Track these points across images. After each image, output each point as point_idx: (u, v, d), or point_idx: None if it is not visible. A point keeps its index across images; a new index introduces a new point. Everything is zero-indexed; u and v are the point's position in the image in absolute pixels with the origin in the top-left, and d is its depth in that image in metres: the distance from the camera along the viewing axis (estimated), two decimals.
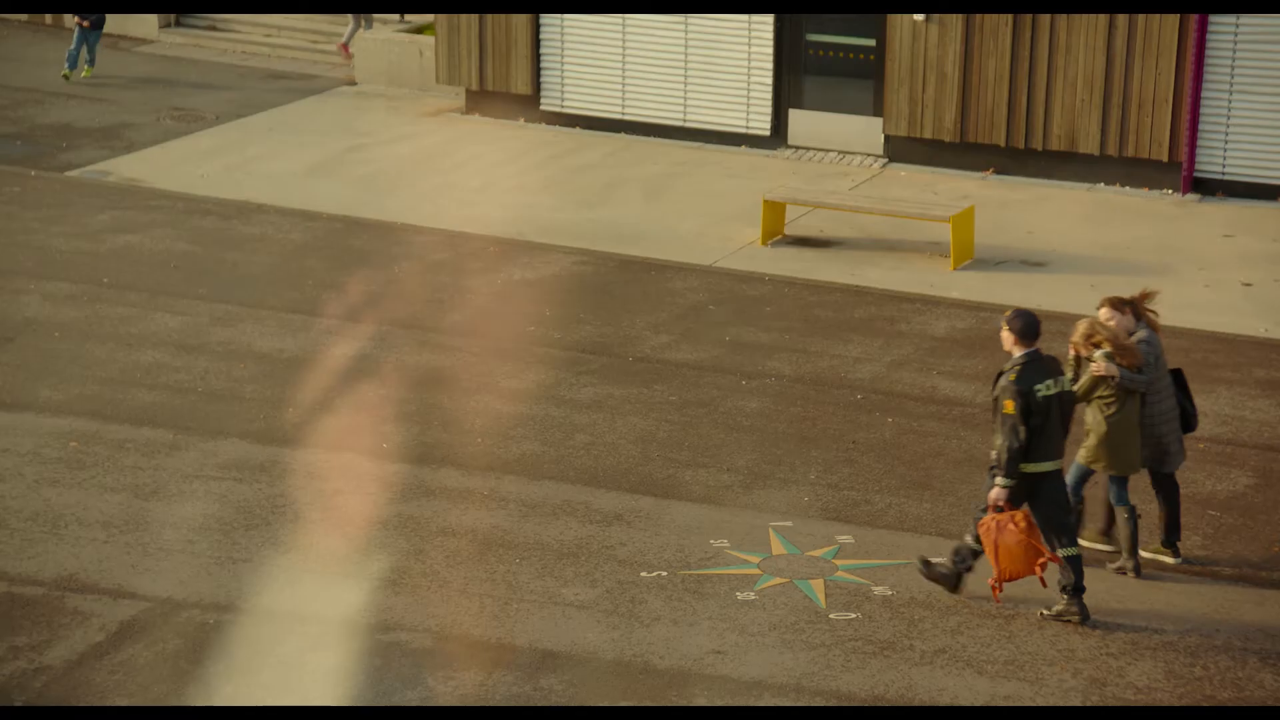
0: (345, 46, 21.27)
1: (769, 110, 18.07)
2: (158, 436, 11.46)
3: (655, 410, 12.01)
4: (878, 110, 17.69)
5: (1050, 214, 16.40)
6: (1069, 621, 9.35)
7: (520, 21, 18.66)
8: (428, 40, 20.30)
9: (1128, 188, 17.03)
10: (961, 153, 17.47)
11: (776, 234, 15.70)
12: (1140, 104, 16.72)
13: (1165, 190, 16.88)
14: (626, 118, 18.67)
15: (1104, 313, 9.78)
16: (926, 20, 17.11)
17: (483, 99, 19.27)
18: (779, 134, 18.19)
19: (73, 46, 20.37)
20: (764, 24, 17.81)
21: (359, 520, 10.40)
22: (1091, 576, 9.57)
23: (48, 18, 23.22)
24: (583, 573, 9.88)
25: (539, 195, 16.81)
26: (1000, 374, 9.31)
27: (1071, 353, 9.73)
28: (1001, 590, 9.41)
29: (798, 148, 18.20)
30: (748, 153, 18.20)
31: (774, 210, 15.63)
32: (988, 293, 14.42)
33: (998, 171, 17.46)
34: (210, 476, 10.92)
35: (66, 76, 20.18)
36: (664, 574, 9.89)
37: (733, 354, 13.07)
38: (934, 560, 9.67)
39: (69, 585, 9.65)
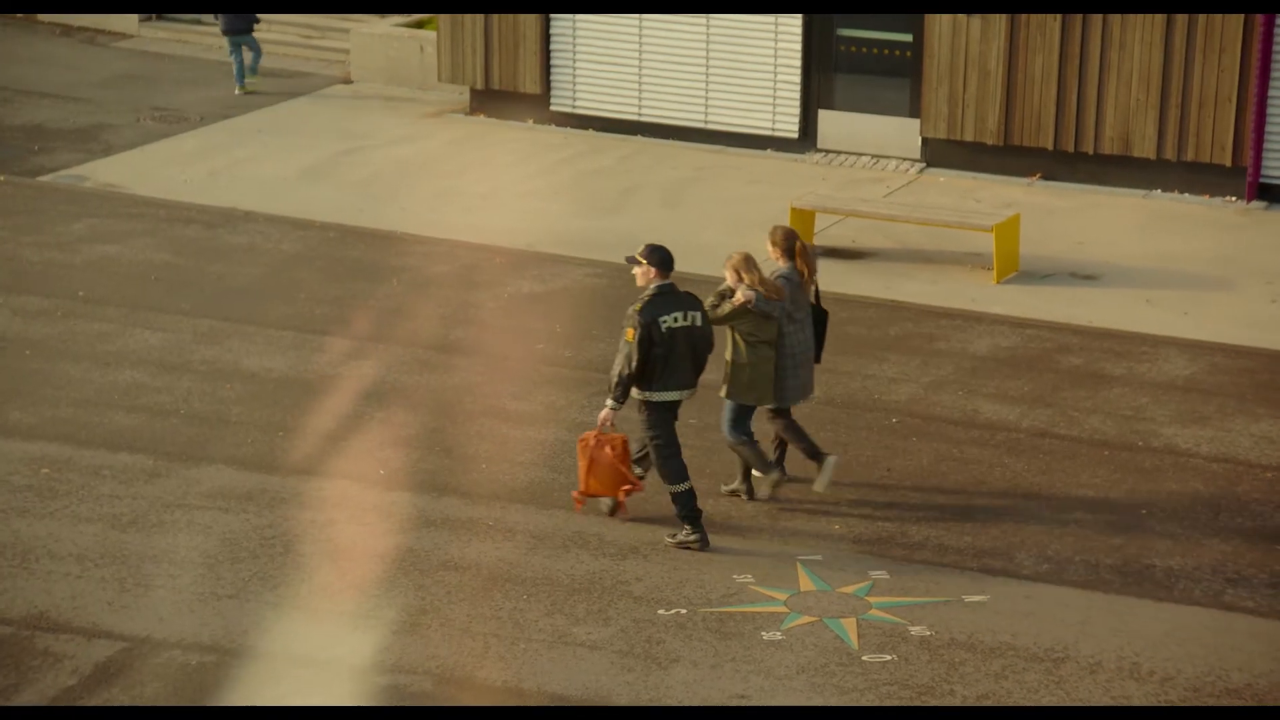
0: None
1: (797, 111, 18.11)
2: (136, 463, 11.51)
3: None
4: (914, 111, 17.72)
5: (1102, 223, 16.40)
6: (689, 548, 10.47)
7: (529, 17, 18.74)
8: (429, 35, 20.39)
9: (1187, 195, 17.03)
10: (1005, 156, 17.48)
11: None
12: (1201, 104, 16.72)
13: (1228, 197, 16.87)
14: (643, 119, 18.73)
15: (769, 245, 11.18)
16: (967, 15, 17.15)
17: (488, 99, 19.35)
18: (808, 136, 18.22)
19: (237, 64, 20.16)
20: (792, 18, 17.86)
21: (355, 553, 10.42)
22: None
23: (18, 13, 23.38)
24: (595, 610, 9.89)
25: (549, 202, 16.86)
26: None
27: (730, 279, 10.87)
28: (583, 504, 10.62)
29: (828, 151, 18.23)
30: (774, 157, 18.23)
31: (802, 219, 15.66)
32: (1034, 308, 14.42)
33: (1045, 177, 17.47)
34: (193, 506, 10.96)
35: (247, 91, 20.10)
36: (683, 611, 9.89)
37: None
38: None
39: (39, 624, 9.68)
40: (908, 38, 17.64)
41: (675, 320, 10.42)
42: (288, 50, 21.97)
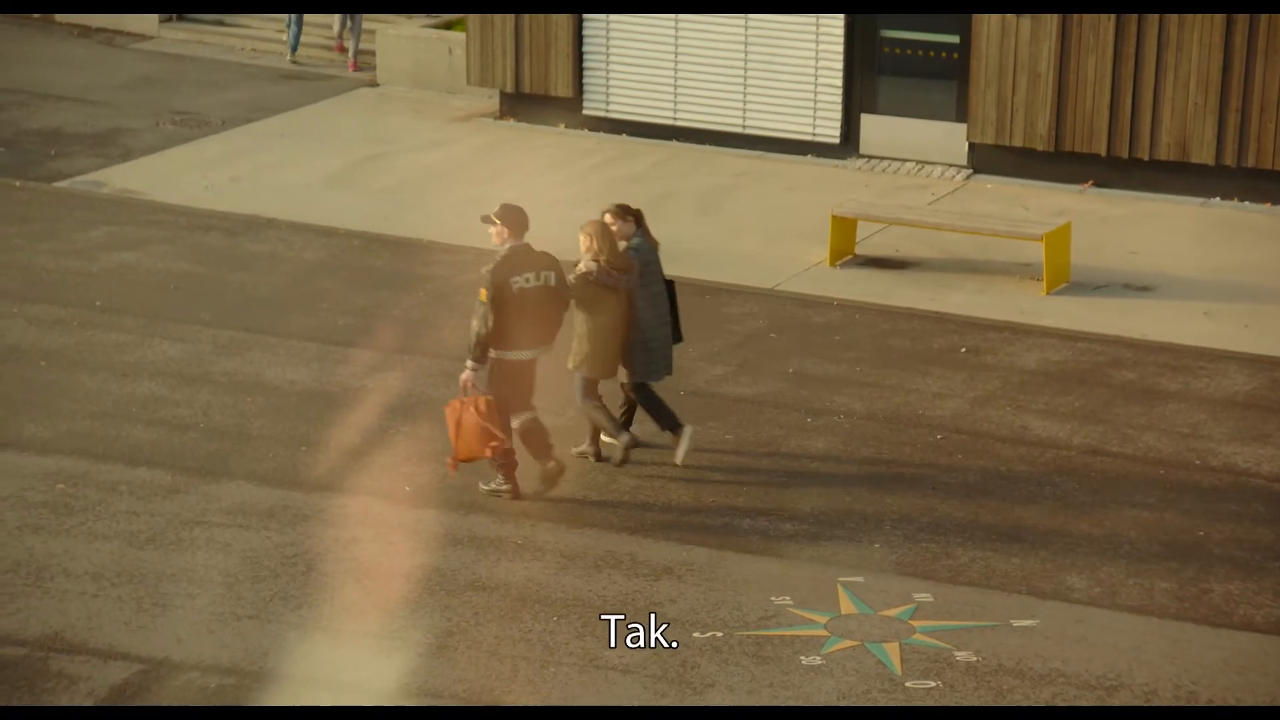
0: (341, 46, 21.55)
1: (838, 115, 18.11)
2: (155, 478, 11.58)
3: (710, 450, 12.04)
4: (961, 115, 17.70)
5: (1157, 232, 16.34)
6: (499, 496, 11.16)
7: (561, 18, 18.80)
8: (458, 37, 20.48)
9: (1247, 203, 16.96)
10: (1056, 163, 17.44)
11: (846, 254, 15.72)
12: (1262, 108, 16.65)
13: None
14: (679, 123, 18.77)
15: (608, 217, 11.50)
16: (1017, 15, 17.13)
17: (519, 102, 19.42)
18: (849, 142, 18.23)
19: (293, 33, 21.12)
20: (833, 18, 17.87)
21: (379, 573, 10.46)
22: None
23: (35, 14, 23.57)
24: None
25: (580, 209, 16.87)
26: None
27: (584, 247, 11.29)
28: (456, 469, 11.05)
29: (870, 157, 18.22)
30: (814, 163, 18.23)
31: (844, 227, 15.66)
32: (1086, 320, 14.38)
33: (1097, 184, 17.42)
34: (213, 523, 11.02)
35: (295, 63, 20.91)
36: (719, 635, 9.89)
37: (797, 388, 13.09)
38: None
39: (54, 645, 9.74)
40: (954, 39, 17.63)
41: (527, 280, 10.99)
42: (312, 52, 22.09)
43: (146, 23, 22.92)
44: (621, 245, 11.45)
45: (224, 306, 14.47)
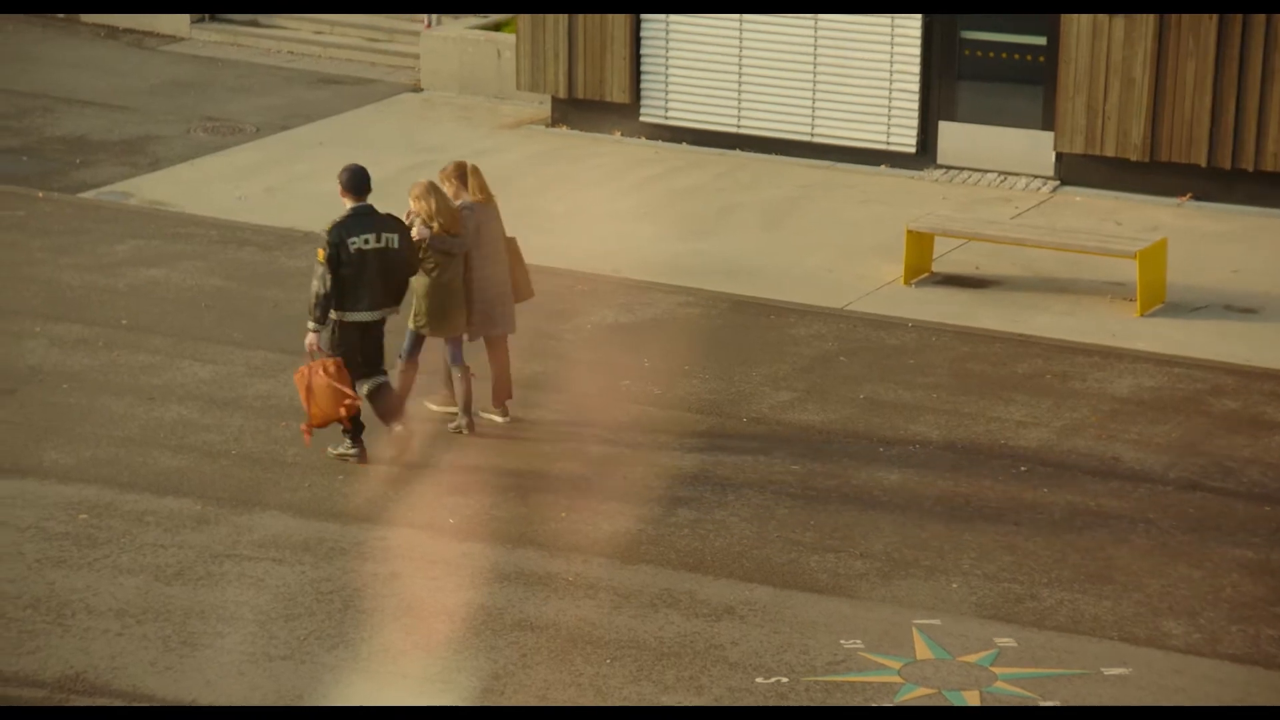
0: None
1: (915, 123, 18.09)
2: (183, 508, 11.67)
3: (774, 481, 12.03)
4: (1048, 123, 17.65)
5: (1262, 249, 16.23)
6: (347, 460, 11.93)
7: (618, 19, 18.87)
8: (507, 39, 20.58)
9: None
10: (1151, 174, 17.35)
11: (922, 271, 15.68)
12: None
13: None
14: (743, 131, 18.78)
15: (440, 177, 12.46)
16: (1110, 15, 17.06)
17: (571, 109, 19.49)
18: (926, 151, 18.19)
19: None
20: (910, 19, 17.86)
21: (420, 610, 10.49)
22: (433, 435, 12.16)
23: (60, 14, 23.82)
24: (686, 677, 9.89)
25: (637, 223, 16.93)
26: None
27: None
28: (311, 435, 11.72)
29: (949, 168, 18.18)
30: (888, 173, 18.21)
31: (919, 243, 15.63)
32: (1183, 344, 14.29)
33: (1196, 197, 17.32)
34: (244, 556, 11.09)
35: None
36: (784, 680, 9.88)
37: (868, 415, 13.06)
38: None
39: (75, 686, 9.81)
40: (1041, 40, 17.58)
41: (366, 242, 11.82)
42: (352, 55, 22.25)
43: (177, 23, 23.10)
44: (457, 204, 12.35)
45: (257, 326, 14.57)
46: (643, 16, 18.82)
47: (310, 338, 11.81)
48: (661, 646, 10.16)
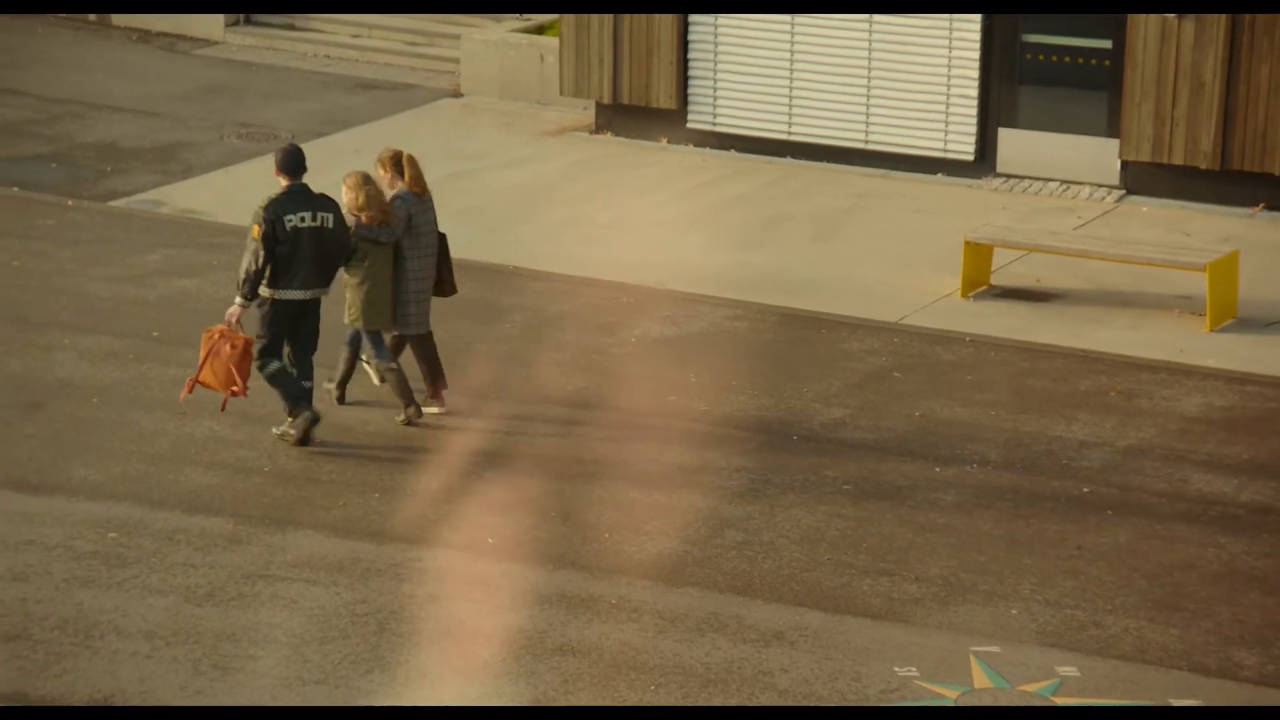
0: None
1: (973, 129, 18.06)
2: (215, 526, 11.73)
3: (825, 502, 12.01)
4: (1113, 130, 17.59)
5: None
6: (287, 440, 12.51)
7: (664, 21, 18.90)
8: (550, 42, 20.63)
9: None
10: (1222, 183, 17.27)
11: (981, 284, 15.65)
12: None
13: None
14: (794, 138, 18.79)
15: (376, 166, 12.91)
16: (1180, 17, 16.99)
17: (616, 115, 19.52)
18: (985, 159, 18.15)
19: None
20: (969, 21, 17.83)
21: (459, 634, 10.52)
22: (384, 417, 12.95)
23: (91, 15, 23.99)
24: (733, 705, 9.87)
25: (683, 233, 16.94)
26: None
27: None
28: (190, 392, 12.35)
29: (1009, 176, 18.14)
30: (946, 182, 18.17)
31: (978, 254, 15.59)
32: (1255, 361, 14.21)
33: (1269, 207, 17.23)
34: (277, 577, 11.14)
35: None
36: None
37: (924, 433, 13.03)
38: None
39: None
40: (1106, 44, 17.53)
41: (302, 220, 12.26)
42: (390, 59, 22.35)
43: (211, 27, 23.23)
44: (389, 195, 12.73)
45: None
46: (690, 19, 18.84)
47: (234, 310, 12.36)
48: (708, 673, 10.15)
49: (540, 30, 21.47)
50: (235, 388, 12.26)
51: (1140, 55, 17.23)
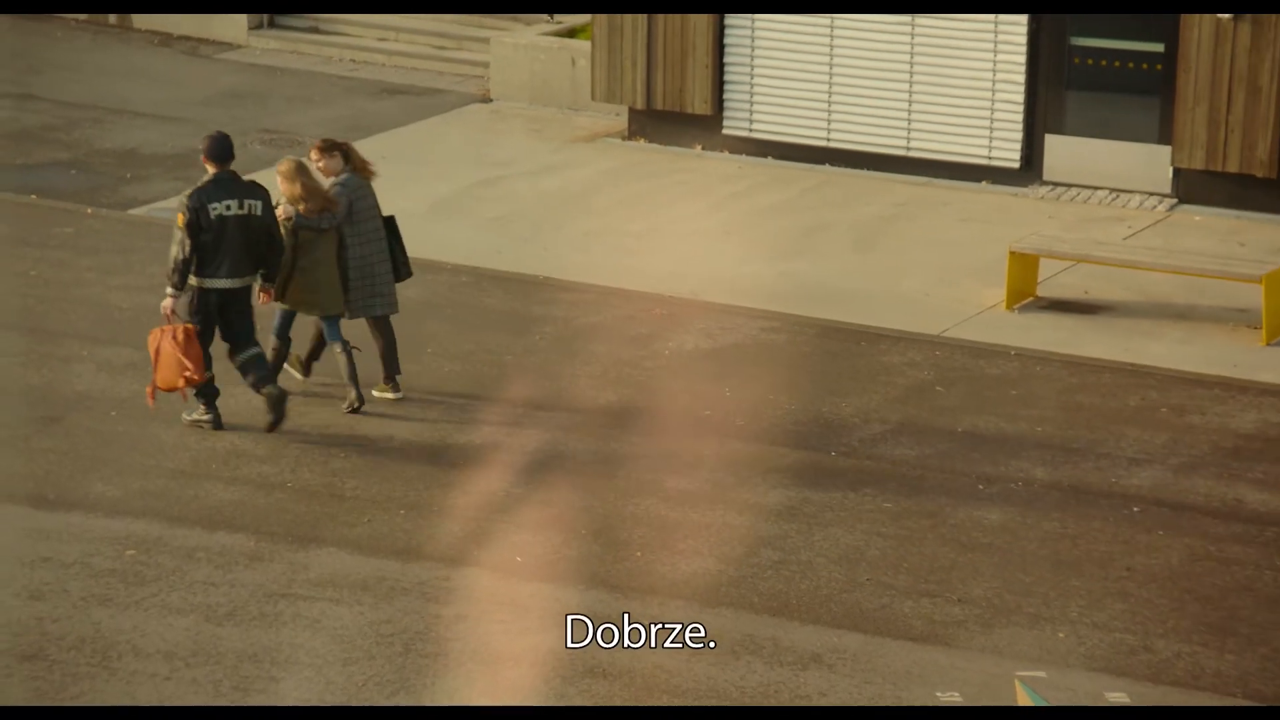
0: None
1: (1019, 136, 18.03)
2: (236, 544, 11.75)
3: (865, 520, 11.99)
4: (1165, 136, 17.54)
5: None
6: (201, 427, 12.91)
7: (699, 23, 18.92)
8: (581, 46, 20.66)
9: None
10: (1279, 192, 17.20)
11: (1026, 296, 15.61)
12: None
13: None
14: (832, 145, 18.78)
15: (314, 154, 13.29)
16: (1235, 19, 16.94)
17: (650, 120, 19.54)
18: (1031, 167, 18.12)
19: None
20: (1014, 22, 17.81)
21: (486, 655, 10.52)
22: (322, 404, 13.43)
23: (111, 18, 24.11)
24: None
25: (719, 243, 16.94)
26: None
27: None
28: (154, 398, 12.65)
29: (1056, 184, 18.10)
30: (990, 190, 18.14)
31: (1023, 265, 15.55)
32: None
33: None
34: (300, 595, 11.16)
35: None
36: None
37: (967, 449, 13.00)
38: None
39: None
40: (1158, 47, 17.48)
41: (228, 208, 12.62)
42: (418, 63, 22.42)
43: (234, 31, 23.32)
44: (329, 182, 13.10)
45: None
46: (726, 20, 18.84)
47: (166, 302, 12.65)
48: (743, 696, 10.14)
49: (571, 33, 21.50)
50: (186, 374, 12.55)
51: (1193, 58, 17.18)
